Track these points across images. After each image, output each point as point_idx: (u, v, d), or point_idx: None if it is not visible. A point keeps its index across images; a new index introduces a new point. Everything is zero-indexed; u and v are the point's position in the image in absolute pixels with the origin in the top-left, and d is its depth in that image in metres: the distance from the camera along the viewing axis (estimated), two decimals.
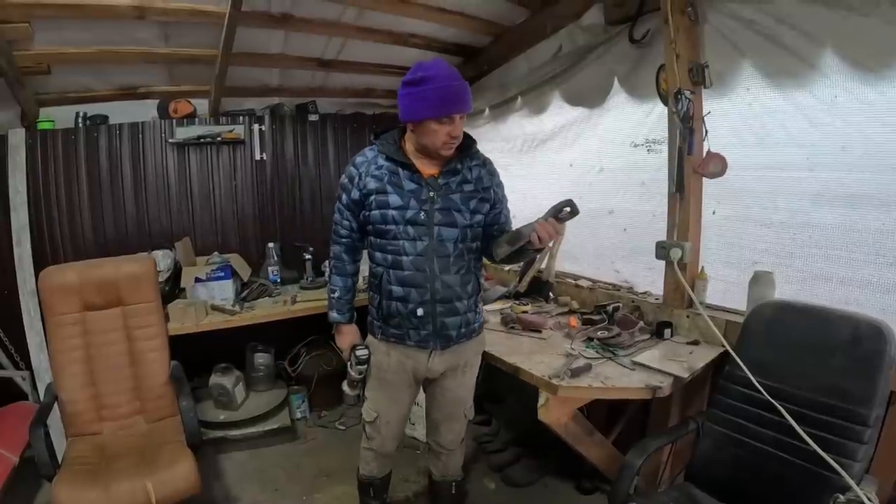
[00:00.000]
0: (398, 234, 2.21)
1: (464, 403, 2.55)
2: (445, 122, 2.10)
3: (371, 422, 2.51)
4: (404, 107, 2.16)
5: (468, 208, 2.27)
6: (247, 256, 4.40)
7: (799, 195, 2.43)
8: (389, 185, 2.21)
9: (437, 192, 2.22)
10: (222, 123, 4.39)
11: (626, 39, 2.91)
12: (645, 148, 3.07)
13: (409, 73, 2.14)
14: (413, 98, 2.11)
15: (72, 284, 2.95)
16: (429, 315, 2.26)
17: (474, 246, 2.34)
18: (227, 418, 3.83)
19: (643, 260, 3.15)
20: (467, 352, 2.45)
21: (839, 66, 2.20)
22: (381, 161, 2.25)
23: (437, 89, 2.06)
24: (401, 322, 2.29)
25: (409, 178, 2.22)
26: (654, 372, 2.40)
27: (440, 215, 2.21)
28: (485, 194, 2.33)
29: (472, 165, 2.34)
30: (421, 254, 2.21)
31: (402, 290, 2.24)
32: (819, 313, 2.11)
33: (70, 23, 2.98)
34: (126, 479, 2.42)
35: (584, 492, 3.16)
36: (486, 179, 2.36)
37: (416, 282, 2.22)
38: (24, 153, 3.72)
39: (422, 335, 2.29)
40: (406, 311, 2.26)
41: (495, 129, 4.35)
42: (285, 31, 3.48)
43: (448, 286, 2.25)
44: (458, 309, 2.30)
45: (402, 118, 2.19)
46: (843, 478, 1.77)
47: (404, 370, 2.39)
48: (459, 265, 2.28)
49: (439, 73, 2.09)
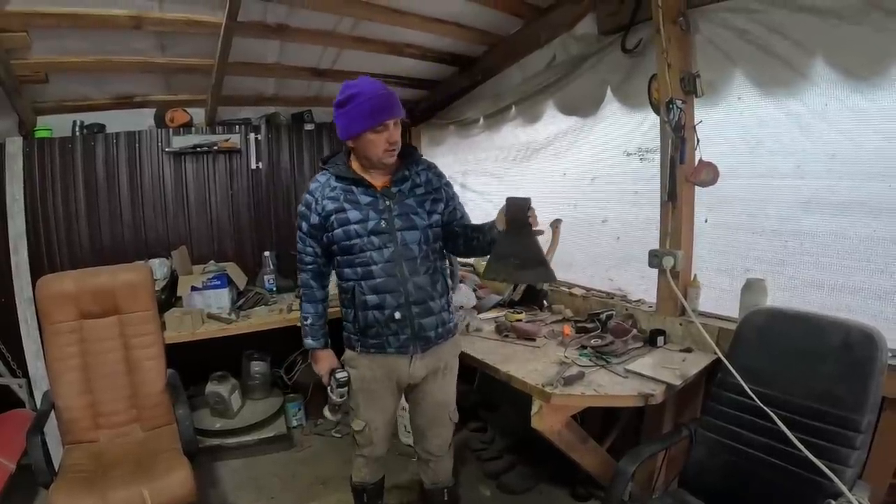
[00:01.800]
0: (364, 246, 2.29)
1: (447, 406, 2.59)
2: (381, 131, 2.22)
3: (360, 431, 2.55)
4: (341, 126, 2.28)
5: (424, 210, 2.38)
6: (243, 265, 4.41)
7: (790, 203, 2.45)
8: (346, 203, 2.31)
9: (393, 201, 2.33)
10: (218, 132, 4.41)
11: (619, 49, 2.93)
12: (637, 157, 3.09)
13: (338, 95, 2.28)
14: (347, 115, 2.24)
15: (68, 292, 2.96)
16: (406, 318, 2.33)
17: (437, 246, 2.44)
18: (224, 426, 3.83)
19: (636, 268, 3.16)
20: (446, 354, 2.51)
21: (830, 74, 2.22)
22: (334, 182, 2.36)
23: (367, 101, 2.20)
24: (379, 330, 2.35)
25: (363, 193, 2.33)
26: (646, 380, 2.40)
27: (400, 221, 2.32)
28: (436, 195, 2.45)
29: (419, 170, 2.45)
30: (389, 260, 2.29)
31: (377, 297, 2.31)
32: (811, 320, 2.11)
33: (68, 32, 3.00)
34: (122, 486, 2.42)
35: (578, 499, 3.16)
36: (434, 181, 2.47)
37: (389, 287, 2.30)
38: (21, 161, 3.75)
39: (401, 340, 2.35)
40: (384, 318, 2.32)
41: (489, 139, 4.37)
42: (281, 40, 3.50)
43: (420, 287, 2.33)
44: (432, 309, 2.38)
45: (342, 137, 2.31)
46: (836, 484, 1.78)
47: (388, 378, 2.44)
48: (427, 266, 2.37)
49: (366, 88, 2.23)
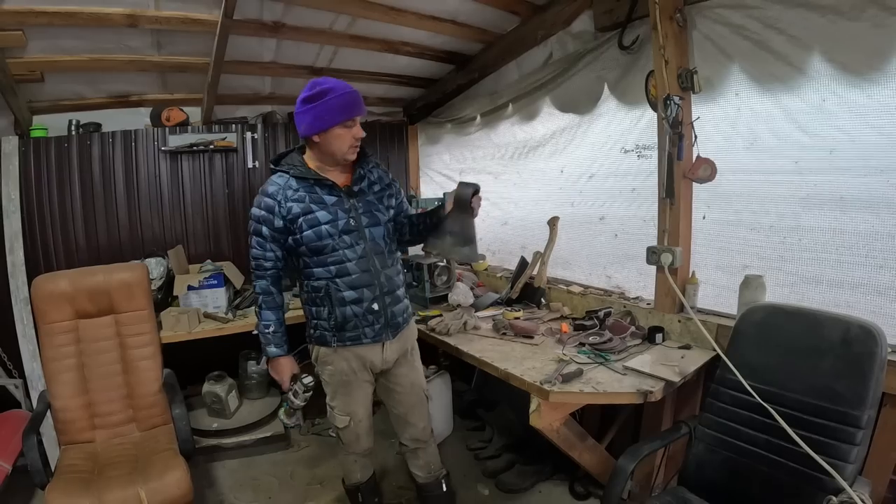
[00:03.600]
0: (336, 246, 2.36)
1: (421, 385, 2.72)
2: (350, 126, 2.32)
3: (344, 427, 2.59)
4: (310, 120, 2.30)
5: (384, 206, 2.53)
6: (239, 264, 4.38)
7: (788, 199, 2.45)
8: (313, 204, 2.36)
9: (356, 199, 2.44)
10: (215, 131, 4.39)
11: (616, 46, 2.93)
12: (635, 153, 3.09)
13: (304, 91, 2.31)
14: (317, 110, 2.27)
15: (64, 292, 2.95)
16: (381, 308, 2.45)
17: (395, 237, 2.60)
18: (220, 426, 3.82)
19: (634, 265, 3.17)
20: (410, 335, 2.69)
21: (827, 69, 2.22)
22: (294, 184, 2.38)
23: (338, 97, 2.26)
24: (357, 323, 2.43)
25: (327, 193, 2.39)
26: (645, 377, 2.39)
27: (366, 218, 2.43)
28: (390, 190, 2.58)
29: (371, 168, 2.55)
30: (362, 256, 2.40)
31: (355, 292, 2.40)
32: (810, 316, 2.11)
33: (63, 31, 2.98)
34: (119, 487, 2.42)
35: (577, 497, 3.14)
36: (384, 177, 2.59)
37: (364, 282, 2.41)
38: (17, 161, 3.72)
39: (376, 330, 2.46)
40: (362, 311, 2.42)
41: (487, 136, 4.37)
42: (277, 39, 3.48)
43: (389, 278, 2.49)
44: (399, 296, 2.56)
45: (308, 132, 2.32)
46: (836, 479, 1.78)
47: (363, 368, 2.53)
48: (392, 258, 2.54)
49: (337, 85, 2.29)
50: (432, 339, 3.13)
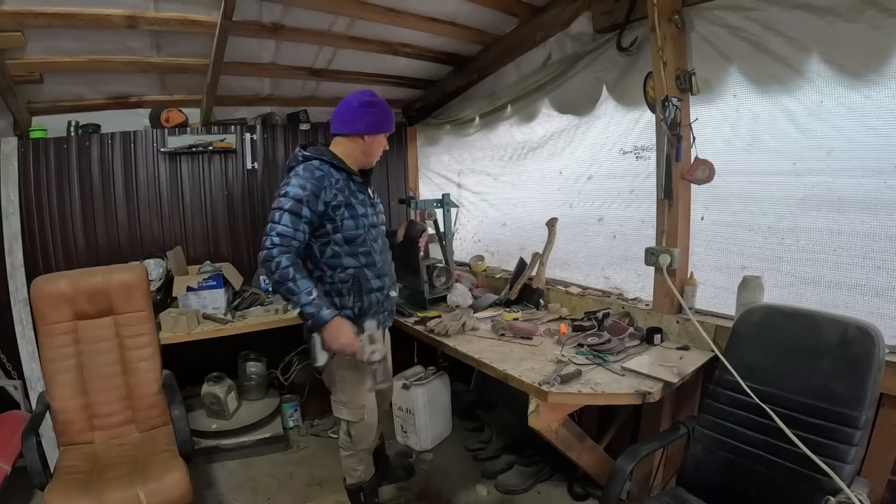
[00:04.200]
0: (367, 238, 2.57)
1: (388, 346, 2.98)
2: (387, 136, 2.65)
3: (358, 421, 2.66)
4: (371, 120, 2.55)
5: (380, 205, 2.80)
6: (238, 265, 4.40)
7: (786, 200, 2.46)
8: (351, 196, 2.52)
9: (372, 198, 2.70)
10: (214, 132, 4.39)
11: (615, 47, 2.93)
12: (633, 155, 3.08)
13: (363, 96, 2.57)
14: (377, 115, 2.56)
15: (63, 293, 2.95)
16: (391, 296, 2.76)
17: None
18: (220, 427, 3.82)
19: (633, 266, 3.17)
20: None
21: (825, 71, 2.22)
22: (335, 174, 2.50)
23: (386, 109, 2.60)
24: (377, 309, 2.63)
25: (358, 189, 2.58)
26: (644, 377, 2.39)
27: (380, 217, 2.74)
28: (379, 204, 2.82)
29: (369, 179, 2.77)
30: (382, 249, 2.69)
31: (380, 280, 2.64)
32: (808, 317, 2.11)
33: (62, 32, 2.99)
34: (118, 488, 2.42)
35: (576, 497, 3.15)
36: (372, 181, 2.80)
37: (385, 271, 2.68)
38: (16, 162, 3.72)
39: (385, 315, 2.71)
40: (383, 298, 2.67)
41: (486, 138, 4.37)
42: (276, 40, 3.49)
43: (393, 269, 2.83)
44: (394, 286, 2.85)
45: (365, 130, 2.54)
46: (834, 480, 1.78)
47: None
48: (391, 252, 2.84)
49: (382, 99, 2.60)
50: (431, 340, 3.13)
